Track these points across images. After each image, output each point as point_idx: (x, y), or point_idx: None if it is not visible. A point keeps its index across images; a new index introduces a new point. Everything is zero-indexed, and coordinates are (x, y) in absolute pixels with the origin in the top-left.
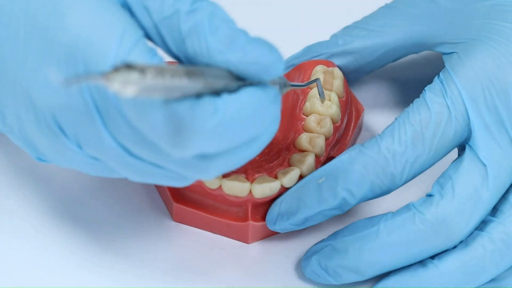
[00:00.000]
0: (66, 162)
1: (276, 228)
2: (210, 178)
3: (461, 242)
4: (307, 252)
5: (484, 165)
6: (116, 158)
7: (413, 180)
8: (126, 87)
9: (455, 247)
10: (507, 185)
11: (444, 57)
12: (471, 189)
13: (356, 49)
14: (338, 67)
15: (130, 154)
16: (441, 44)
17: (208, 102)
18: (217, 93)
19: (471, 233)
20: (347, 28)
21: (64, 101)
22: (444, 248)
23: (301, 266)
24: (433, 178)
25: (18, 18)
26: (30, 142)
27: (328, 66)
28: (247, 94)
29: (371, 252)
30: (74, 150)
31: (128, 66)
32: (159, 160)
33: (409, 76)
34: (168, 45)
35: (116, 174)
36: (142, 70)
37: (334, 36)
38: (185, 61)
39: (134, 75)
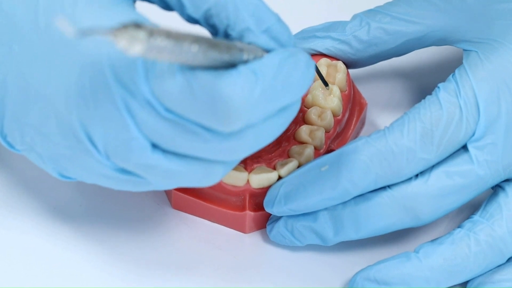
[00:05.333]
0: (90, 177)
1: (274, 211)
2: (239, 158)
3: (447, 238)
4: (271, 217)
5: None
6: (144, 160)
7: None
8: (133, 45)
9: (441, 243)
10: None
11: (464, 54)
12: None
13: (377, 35)
14: (352, 53)
15: (158, 149)
16: (463, 41)
17: (245, 69)
18: (233, 65)
19: (459, 232)
20: (370, 11)
21: (91, 106)
22: None
23: (266, 230)
24: None
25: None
26: (53, 158)
27: (332, 60)
28: (278, 56)
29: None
30: (101, 162)
31: (137, 25)
32: (193, 146)
33: (415, 72)
34: (186, 8)
35: (142, 185)
36: (150, 30)
37: (358, 18)
38: (203, 25)
39: (142, 33)
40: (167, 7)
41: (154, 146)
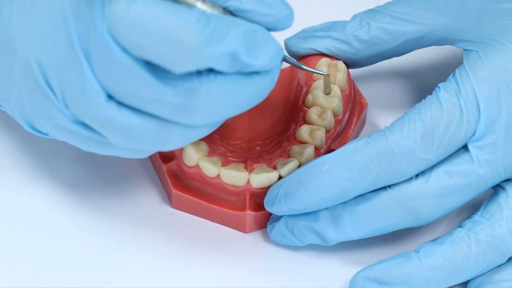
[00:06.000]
0: (56, 131)
1: (274, 210)
2: (196, 121)
3: (448, 238)
4: (271, 217)
5: None
6: (100, 112)
7: None
8: None
9: (441, 243)
10: None
11: (464, 53)
12: None
13: (377, 35)
14: (353, 53)
15: (113, 101)
16: (463, 41)
17: (200, 12)
18: None
19: (459, 231)
20: (370, 11)
21: (49, 46)
22: None
23: (267, 230)
24: None
25: None
26: (20, 107)
27: (332, 60)
28: (238, 20)
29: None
30: (60, 110)
31: None
32: (145, 96)
33: (415, 72)
34: None
35: (105, 146)
36: None
37: (358, 17)
38: None
39: None
40: None
41: (109, 97)
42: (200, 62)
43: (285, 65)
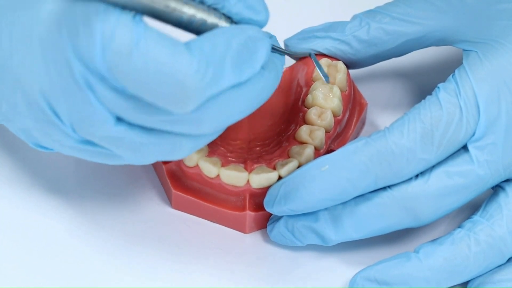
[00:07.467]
0: (63, 148)
1: (274, 210)
2: (206, 131)
3: (447, 238)
4: (271, 217)
5: None
6: (108, 133)
7: None
8: None
9: (441, 244)
10: None
11: (464, 54)
12: None
13: (377, 35)
14: (352, 53)
15: (123, 122)
16: (462, 42)
17: (197, 50)
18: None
19: (459, 232)
20: (369, 12)
21: (54, 79)
22: None
23: (267, 230)
24: None
25: None
26: (24, 129)
27: (332, 60)
28: (227, 34)
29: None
30: (68, 134)
31: None
32: (156, 119)
33: (415, 72)
34: None
35: (113, 158)
36: None
37: (357, 18)
38: None
39: None
40: None
41: (119, 119)
42: (200, 102)
43: (285, 66)
